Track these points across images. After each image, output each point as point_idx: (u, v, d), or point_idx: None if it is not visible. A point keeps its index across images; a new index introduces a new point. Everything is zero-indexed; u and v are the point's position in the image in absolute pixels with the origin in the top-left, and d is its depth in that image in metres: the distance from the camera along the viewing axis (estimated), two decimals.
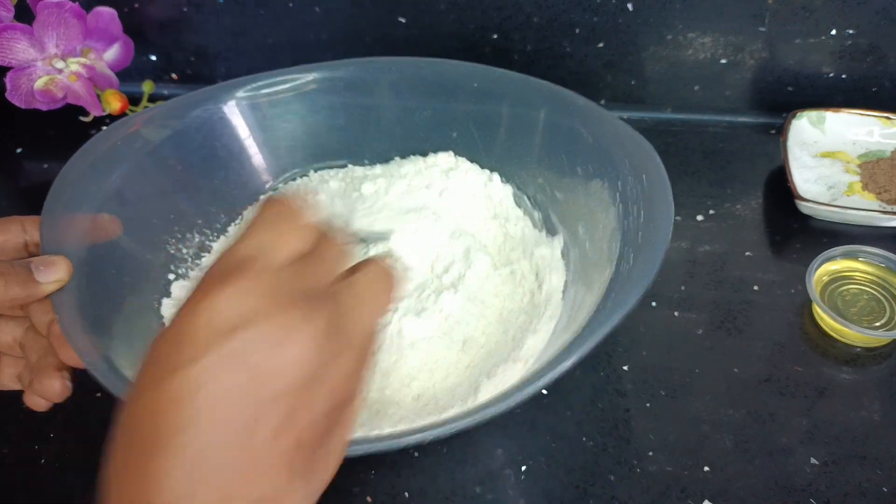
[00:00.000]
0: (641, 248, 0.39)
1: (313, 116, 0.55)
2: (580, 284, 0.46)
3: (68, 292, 0.39)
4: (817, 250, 0.52)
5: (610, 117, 0.48)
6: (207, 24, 0.69)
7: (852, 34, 0.62)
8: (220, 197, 0.54)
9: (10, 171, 0.69)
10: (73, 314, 0.38)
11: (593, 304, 0.39)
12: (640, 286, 0.37)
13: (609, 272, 0.41)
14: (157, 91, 0.72)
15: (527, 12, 0.64)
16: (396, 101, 0.55)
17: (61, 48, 0.61)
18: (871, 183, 0.60)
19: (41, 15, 0.58)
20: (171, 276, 0.50)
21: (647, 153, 0.44)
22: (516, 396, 0.33)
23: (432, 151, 0.56)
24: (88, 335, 0.38)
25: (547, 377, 0.34)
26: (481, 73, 0.53)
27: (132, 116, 0.51)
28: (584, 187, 0.48)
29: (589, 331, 0.36)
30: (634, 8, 0.62)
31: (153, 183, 0.50)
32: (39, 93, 0.61)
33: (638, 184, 0.43)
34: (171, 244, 0.51)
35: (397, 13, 0.66)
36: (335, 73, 0.54)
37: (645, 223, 0.40)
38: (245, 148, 0.54)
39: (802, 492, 0.43)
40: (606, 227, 0.44)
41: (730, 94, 0.67)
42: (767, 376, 0.48)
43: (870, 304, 0.51)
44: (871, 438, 0.45)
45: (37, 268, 0.38)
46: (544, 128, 0.51)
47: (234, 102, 0.53)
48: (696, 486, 0.43)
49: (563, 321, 0.45)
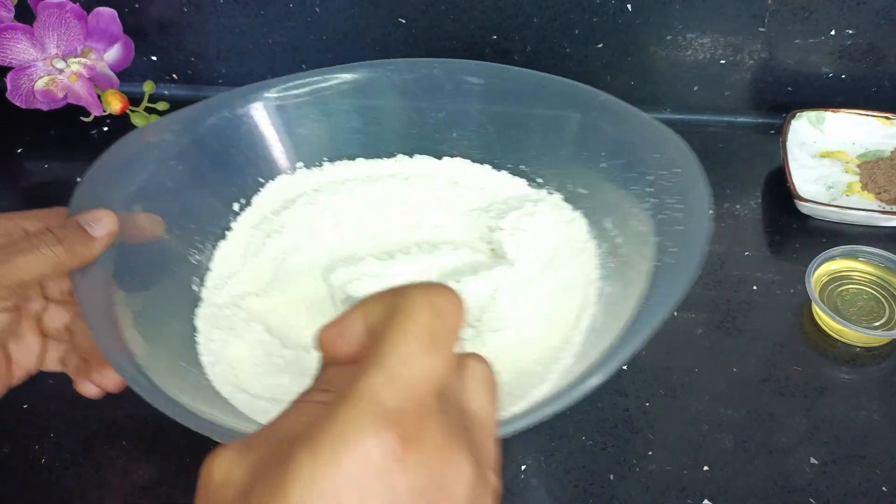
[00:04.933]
0: (682, 240, 0.39)
1: (335, 118, 0.55)
2: (614, 280, 0.45)
3: (97, 298, 0.38)
4: (817, 250, 0.52)
5: (633, 111, 0.48)
6: (207, 25, 0.69)
7: (852, 34, 0.62)
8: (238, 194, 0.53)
9: (10, 171, 0.69)
10: (104, 323, 0.38)
11: (637, 297, 0.39)
12: (686, 277, 0.37)
13: (648, 266, 0.40)
14: (158, 91, 0.72)
15: (527, 12, 0.64)
16: (411, 102, 0.55)
17: (62, 48, 0.61)
18: (870, 183, 0.60)
19: (42, 15, 0.58)
20: (195, 280, 0.49)
21: (676, 145, 0.44)
22: (581, 388, 0.33)
23: (447, 153, 0.55)
24: (124, 348, 0.37)
25: (609, 367, 0.34)
26: (496, 71, 0.53)
27: (154, 123, 0.50)
28: (610, 182, 0.48)
29: (642, 322, 0.36)
30: (634, 8, 0.62)
31: (176, 186, 0.49)
32: (40, 93, 0.61)
33: (671, 176, 0.42)
34: (194, 253, 0.50)
35: (397, 13, 0.66)
36: (367, 74, 0.54)
37: (684, 215, 0.40)
38: (268, 149, 0.54)
39: (802, 491, 0.43)
40: (640, 221, 0.44)
41: (729, 95, 0.67)
42: (767, 376, 0.48)
43: (869, 303, 0.51)
44: (870, 438, 0.45)
45: (87, 223, 0.38)
46: (564, 124, 0.51)
47: (260, 104, 0.53)
48: (695, 485, 0.43)
49: (600, 318, 0.44)
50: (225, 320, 0.46)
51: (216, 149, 0.51)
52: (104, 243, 0.38)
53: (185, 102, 0.74)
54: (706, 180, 0.41)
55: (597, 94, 0.49)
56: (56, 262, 0.36)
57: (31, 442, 0.47)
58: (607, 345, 0.38)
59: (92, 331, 0.36)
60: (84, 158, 0.46)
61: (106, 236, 0.39)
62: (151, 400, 0.34)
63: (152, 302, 0.44)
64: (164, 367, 0.39)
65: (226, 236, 0.52)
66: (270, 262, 0.50)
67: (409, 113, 0.55)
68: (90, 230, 0.38)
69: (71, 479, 0.45)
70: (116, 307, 0.40)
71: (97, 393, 0.40)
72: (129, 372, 0.36)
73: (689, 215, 0.40)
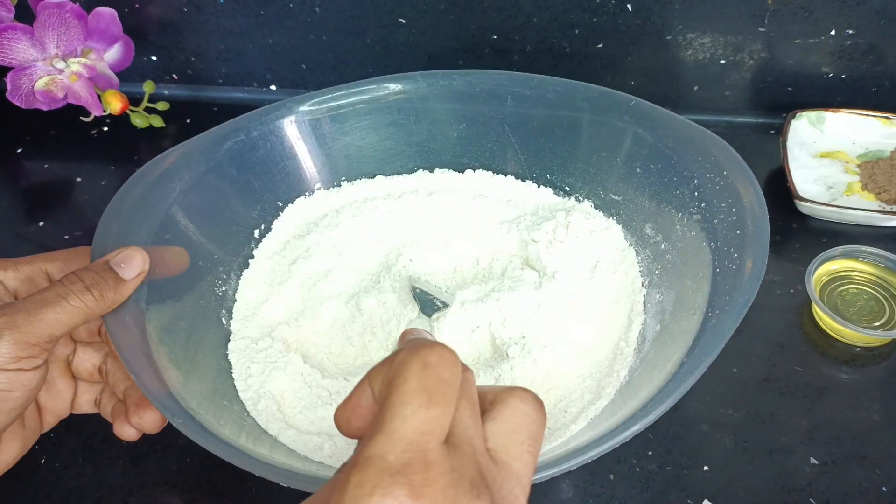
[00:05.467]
0: (741, 245, 0.38)
1: (351, 136, 0.54)
2: (664, 288, 0.45)
3: (132, 337, 0.37)
4: (817, 250, 0.52)
5: (667, 115, 0.47)
6: (208, 25, 0.69)
7: (852, 34, 0.62)
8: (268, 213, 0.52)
9: (10, 171, 0.69)
10: (143, 363, 0.36)
11: (697, 307, 0.38)
12: (754, 283, 0.36)
13: (706, 273, 0.39)
14: (158, 91, 0.72)
15: (527, 12, 0.64)
16: (430, 115, 0.54)
17: (62, 48, 0.61)
18: (870, 183, 0.60)
19: (42, 15, 0.58)
20: (223, 312, 0.48)
21: (720, 147, 0.43)
22: (646, 419, 0.32)
23: (469, 166, 0.55)
24: (167, 390, 0.36)
25: (679, 391, 0.33)
26: (519, 80, 0.51)
27: (170, 151, 0.48)
28: (646, 187, 0.47)
29: (718, 326, 0.35)
30: (634, 8, 0.62)
31: (196, 216, 0.47)
32: (40, 93, 0.61)
33: (720, 180, 0.41)
34: (218, 284, 0.48)
35: (397, 13, 0.66)
36: (383, 90, 0.53)
37: (738, 218, 0.39)
38: (285, 171, 0.53)
39: (802, 491, 0.43)
40: (687, 227, 0.43)
41: (729, 95, 0.67)
42: (767, 376, 0.48)
43: (869, 303, 0.51)
44: (870, 438, 0.45)
45: (118, 265, 0.36)
46: (592, 130, 0.50)
47: (275, 126, 0.51)
48: (695, 485, 0.43)
49: (653, 328, 0.43)
50: (261, 353, 0.45)
51: (233, 175, 0.50)
52: (135, 284, 0.37)
53: (185, 102, 0.74)
54: (756, 182, 0.40)
55: (626, 98, 0.48)
56: (86, 313, 0.34)
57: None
58: (670, 359, 0.37)
59: (133, 374, 0.35)
60: (84, 158, 0.46)
61: (137, 277, 0.37)
62: (210, 446, 0.33)
63: (185, 337, 0.42)
64: (208, 406, 0.38)
65: (248, 265, 0.50)
66: (298, 289, 0.49)
67: (428, 126, 0.54)
68: (120, 272, 0.36)
69: (71, 479, 0.45)
70: (152, 345, 0.38)
71: (135, 435, 0.38)
72: (180, 416, 0.34)
73: (745, 220, 0.39)
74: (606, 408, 0.40)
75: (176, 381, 0.37)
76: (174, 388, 0.36)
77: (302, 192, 0.54)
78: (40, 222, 0.63)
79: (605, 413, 0.39)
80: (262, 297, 0.49)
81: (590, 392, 0.41)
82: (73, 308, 0.34)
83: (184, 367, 0.40)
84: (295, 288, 0.49)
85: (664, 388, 0.34)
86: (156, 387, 0.35)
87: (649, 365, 0.40)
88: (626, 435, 0.32)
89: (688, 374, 0.34)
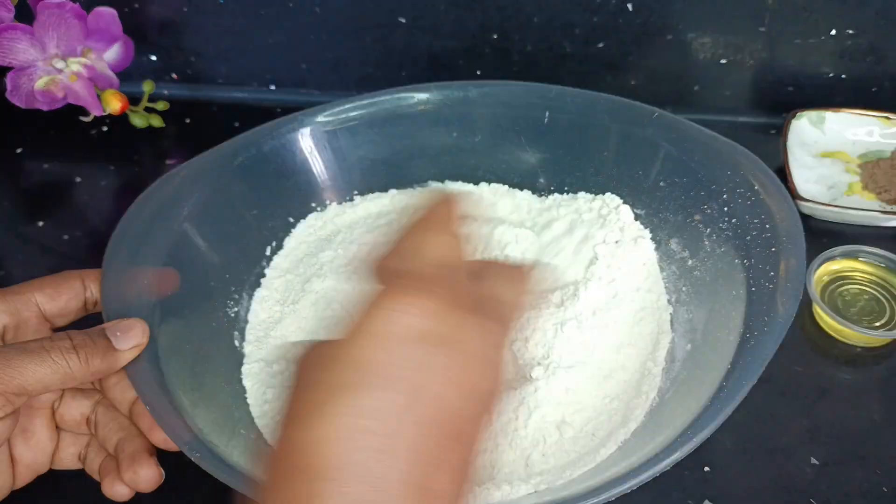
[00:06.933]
0: (779, 259, 0.37)
1: (363, 149, 0.52)
2: (693, 306, 0.44)
3: (145, 364, 0.35)
4: (817, 250, 0.52)
5: (693, 127, 0.46)
6: (208, 25, 0.69)
7: (852, 34, 0.62)
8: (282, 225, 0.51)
9: (10, 171, 0.69)
10: (155, 390, 0.34)
11: (735, 323, 0.37)
12: (795, 298, 0.35)
13: (741, 290, 0.38)
14: (157, 91, 0.72)
15: (527, 12, 0.64)
16: (443, 127, 0.53)
17: (62, 48, 0.61)
18: (871, 183, 0.60)
19: (42, 15, 0.58)
20: (235, 334, 0.46)
21: (750, 160, 0.42)
22: (685, 448, 0.32)
23: (484, 179, 0.53)
24: (176, 414, 0.34)
25: (737, 397, 0.33)
26: (537, 92, 0.50)
27: (181, 167, 0.47)
28: (671, 201, 0.46)
29: (758, 347, 0.35)
30: (634, 8, 0.62)
31: (210, 233, 0.46)
32: (40, 93, 0.61)
33: (751, 195, 0.41)
34: (230, 305, 0.47)
35: (397, 13, 0.66)
36: (395, 101, 0.52)
37: (773, 235, 0.38)
38: (296, 186, 0.51)
39: (802, 492, 0.43)
40: (717, 243, 0.42)
41: (730, 94, 0.67)
42: (767, 376, 0.48)
43: (870, 304, 0.51)
44: (871, 438, 0.45)
45: (114, 334, 0.34)
46: (614, 143, 0.49)
47: (285, 140, 0.50)
48: (696, 486, 0.43)
49: (682, 345, 0.42)
50: (276, 377, 0.43)
51: (243, 191, 0.49)
52: (129, 356, 0.34)
53: (184, 102, 0.74)
54: (789, 196, 0.39)
55: (650, 110, 0.47)
56: (66, 374, 0.32)
57: None
58: (705, 381, 0.36)
59: (150, 410, 0.33)
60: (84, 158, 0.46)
61: (132, 350, 0.34)
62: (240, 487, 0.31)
63: (197, 362, 0.41)
64: (227, 438, 0.36)
65: (260, 283, 0.49)
66: (312, 308, 0.47)
67: (442, 139, 0.53)
68: (114, 341, 0.34)
69: (71, 479, 0.45)
70: (166, 377, 0.36)
71: (128, 494, 0.35)
72: (209, 460, 0.32)
73: (780, 236, 0.38)
74: (636, 431, 0.39)
75: (196, 415, 0.35)
76: (194, 423, 0.35)
77: (314, 207, 0.52)
78: (40, 222, 0.63)
79: (635, 437, 0.38)
80: (275, 318, 0.47)
81: (618, 414, 0.40)
82: (53, 364, 0.31)
83: (199, 395, 0.38)
84: (308, 307, 0.47)
85: (705, 413, 0.33)
86: (180, 427, 0.33)
87: (683, 388, 0.39)
88: (667, 463, 0.32)
89: (729, 398, 0.33)
